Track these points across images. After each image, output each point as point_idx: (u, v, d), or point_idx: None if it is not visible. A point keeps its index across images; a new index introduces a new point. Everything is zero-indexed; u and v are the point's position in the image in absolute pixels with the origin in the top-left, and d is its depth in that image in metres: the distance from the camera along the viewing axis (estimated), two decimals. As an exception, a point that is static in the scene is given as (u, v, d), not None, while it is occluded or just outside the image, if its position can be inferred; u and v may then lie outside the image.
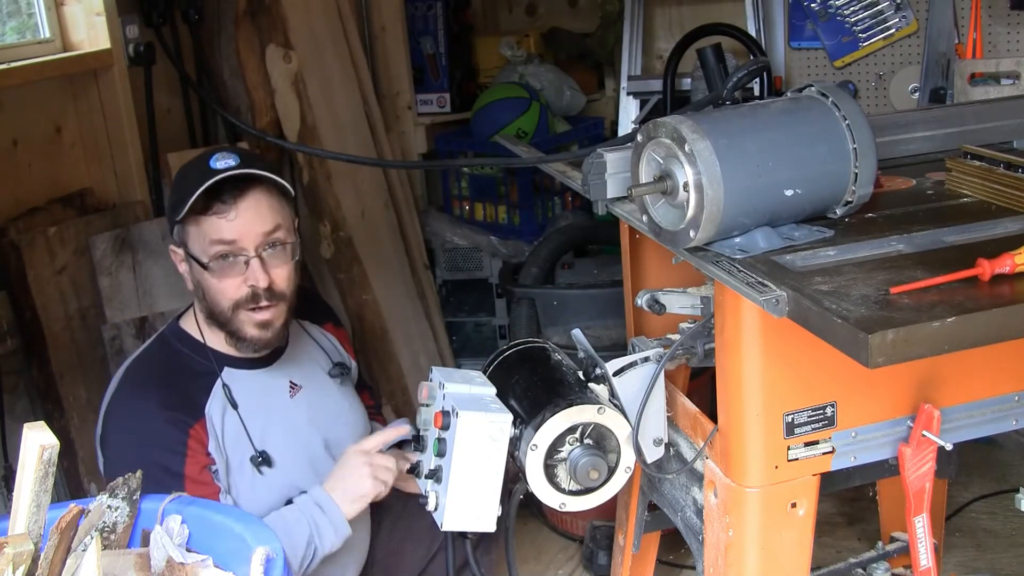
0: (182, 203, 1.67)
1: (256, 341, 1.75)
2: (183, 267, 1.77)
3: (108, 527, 1.32)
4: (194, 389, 1.74)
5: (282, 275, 1.73)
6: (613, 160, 1.52)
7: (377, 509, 2.01)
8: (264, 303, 1.71)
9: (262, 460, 1.76)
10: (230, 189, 1.67)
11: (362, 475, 1.72)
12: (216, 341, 1.79)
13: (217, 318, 1.74)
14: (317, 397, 1.90)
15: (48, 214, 2.22)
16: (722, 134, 1.25)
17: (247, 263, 1.69)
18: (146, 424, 1.69)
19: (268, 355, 1.84)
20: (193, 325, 1.81)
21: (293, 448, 1.82)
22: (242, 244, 1.68)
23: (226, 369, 1.78)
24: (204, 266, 1.69)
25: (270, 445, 1.79)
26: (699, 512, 1.48)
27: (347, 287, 3.06)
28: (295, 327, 1.92)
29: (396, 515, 2.01)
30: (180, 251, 1.75)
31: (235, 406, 1.75)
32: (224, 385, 1.76)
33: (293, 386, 1.87)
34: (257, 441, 1.77)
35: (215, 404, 1.75)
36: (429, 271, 3.47)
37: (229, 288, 1.70)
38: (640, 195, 1.35)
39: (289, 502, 1.76)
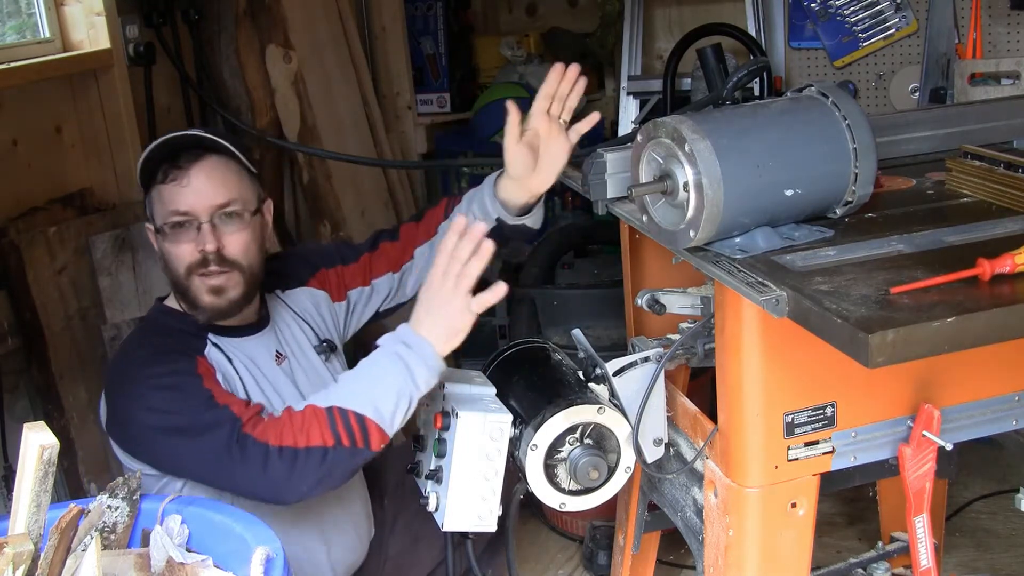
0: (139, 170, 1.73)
1: (210, 308, 1.74)
2: (157, 244, 1.79)
3: (108, 527, 1.32)
4: (191, 346, 1.75)
5: (235, 242, 1.73)
6: (613, 160, 1.52)
7: (390, 507, 2.01)
8: (214, 268, 1.71)
9: None
10: (186, 156, 1.72)
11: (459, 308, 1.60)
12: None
13: (178, 287, 1.75)
14: (302, 369, 1.89)
15: (48, 214, 2.22)
16: (722, 134, 1.25)
17: (199, 228, 1.71)
18: (157, 350, 1.70)
19: (252, 324, 1.84)
20: (174, 302, 1.82)
21: (278, 410, 1.81)
22: (195, 213, 1.70)
23: (212, 335, 1.78)
24: (161, 231, 1.72)
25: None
26: (699, 512, 1.48)
27: (347, 287, 3.05)
28: (275, 300, 1.92)
29: (411, 514, 2.00)
30: (151, 226, 1.77)
31: (229, 359, 1.76)
32: (214, 344, 1.76)
33: (279, 355, 1.86)
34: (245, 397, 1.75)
35: (210, 356, 1.76)
36: (429, 271, 3.47)
37: (184, 253, 1.72)
38: (640, 195, 1.35)
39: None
